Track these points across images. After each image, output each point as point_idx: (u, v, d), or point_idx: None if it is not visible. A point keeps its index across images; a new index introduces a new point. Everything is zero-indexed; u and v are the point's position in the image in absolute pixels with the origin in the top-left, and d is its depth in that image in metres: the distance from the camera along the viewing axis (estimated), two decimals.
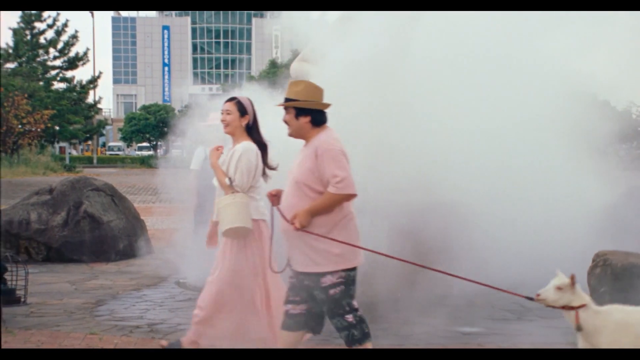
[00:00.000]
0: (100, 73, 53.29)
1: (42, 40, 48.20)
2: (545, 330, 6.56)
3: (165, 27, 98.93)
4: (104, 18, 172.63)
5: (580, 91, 9.68)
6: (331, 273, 4.78)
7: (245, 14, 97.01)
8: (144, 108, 65.64)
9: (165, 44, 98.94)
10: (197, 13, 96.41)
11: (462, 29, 8.38)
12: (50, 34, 48.41)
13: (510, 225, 7.94)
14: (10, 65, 46.31)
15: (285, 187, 4.99)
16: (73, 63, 49.04)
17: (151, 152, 60.26)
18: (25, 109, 36.73)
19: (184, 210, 9.45)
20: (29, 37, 47.34)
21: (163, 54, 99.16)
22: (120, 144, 73.44)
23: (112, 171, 42.15)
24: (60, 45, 48.63)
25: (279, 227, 4.99)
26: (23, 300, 7.68)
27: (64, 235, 10.71)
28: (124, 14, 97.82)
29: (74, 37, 49.03)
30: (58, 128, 46.21)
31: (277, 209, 4.97)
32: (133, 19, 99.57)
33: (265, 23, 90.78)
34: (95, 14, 61.78)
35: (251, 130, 5.57)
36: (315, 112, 4.90)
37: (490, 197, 7.90)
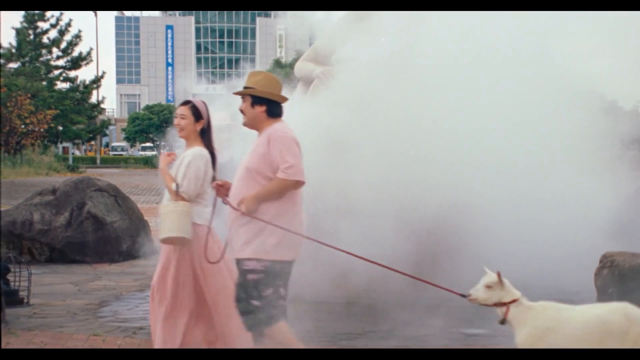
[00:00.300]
0: (103, 73, 53.41)
1: (45, 40, 48.12)
2: None
3: (169, 27, 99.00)
4: (108, 18, 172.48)
5: (590, 92, 9.62)
6: (257, 260, 4.75)
7: (250, 14, 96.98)
8: (148, 108, 65.79)
9: (169, 44, 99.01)
10: (201, 13, 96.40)
11: (483, 30, 8.30)
12: (53, 34, 48.37)
13: (517, 226, 7.88)
14: (13, 65, 46.24)
15: (234, 178, 4.96)
16: (76, 63, 48.97)
17: (155, 152, 60.27)
18: (28, 109, 36.75)
19: None
20: (32, 37, 47.26)
21: (167, 54, 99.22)
22: (124, 144, 73.53)
23: (115, 171, 42.16)
24: (63, 45, 48.53)
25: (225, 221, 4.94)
26: (26, 301, 7.66)
27: (67, 236, 10.67)
28: (128, 13, 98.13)
29: (77, 36, 48.96)
30: (61, 128, 46.15)
31: (223, 199, 4.97)
32: (137, 19, 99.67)
33: (269, 22, 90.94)
34: (98, 13, 62.05)
35: (204, 135, 5.41)
36: (271, 103, 4.92)
37: (498, 198, 7.84)
